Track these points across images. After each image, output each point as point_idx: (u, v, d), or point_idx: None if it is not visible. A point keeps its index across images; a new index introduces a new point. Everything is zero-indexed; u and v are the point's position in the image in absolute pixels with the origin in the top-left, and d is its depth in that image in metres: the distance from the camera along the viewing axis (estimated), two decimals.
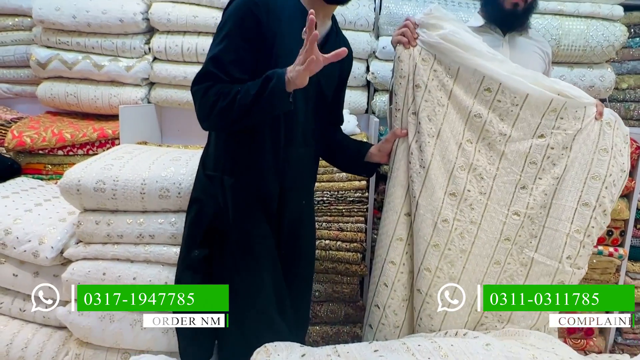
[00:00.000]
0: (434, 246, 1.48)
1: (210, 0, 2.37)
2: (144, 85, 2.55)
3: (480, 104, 1.45)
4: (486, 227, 1.49)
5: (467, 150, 1.47)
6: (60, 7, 2.38)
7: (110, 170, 1.73)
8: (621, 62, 2.50)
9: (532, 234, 1.50)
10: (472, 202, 1.47)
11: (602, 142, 1.47)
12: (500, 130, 1.46)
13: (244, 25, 1.28)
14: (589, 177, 1.47)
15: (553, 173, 1.48)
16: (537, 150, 1.47)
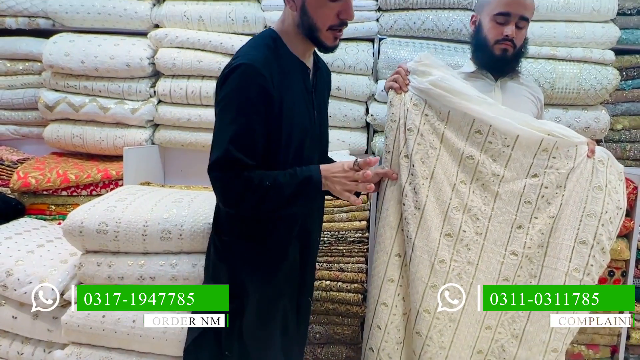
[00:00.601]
0: (432, 287, 1.48)
1: (214, 45, 2.45)
2: (149, 127, 2.61)
3: (472, 146, 1.49)
4: (484, 267, 1.49)
5: (461, 192, 1.49)
6: (70, 53, 2.47)
7: (113, 212, 1.75)
8: (615, 103, 2.56)
9: (532, 274, 1.50)
10: (468, 243, 1.48)
11: (595, 180, 1.50)
12: (493, 171, 1.48)
13: (255, 99, 1.24)
14: (585, 214, 1.48)
15: (549, 212, 1.49)
16: (531, 189, 1.49)
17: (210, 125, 2.53)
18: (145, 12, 2.53)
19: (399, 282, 1.55)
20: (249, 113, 1.24)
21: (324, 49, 1.37)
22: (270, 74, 1.25)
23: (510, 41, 1.61)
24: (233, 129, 1.23)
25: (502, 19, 1.61)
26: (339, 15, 1.29)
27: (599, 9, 2.37)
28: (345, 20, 1.31)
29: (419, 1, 2.41)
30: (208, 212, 1.76)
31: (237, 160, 1.23)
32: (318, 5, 1.27)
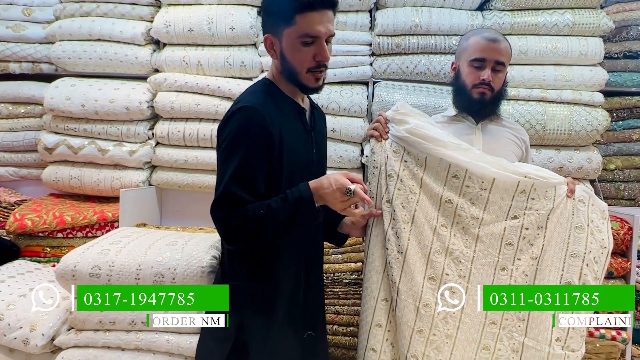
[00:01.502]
0: (418, 332, 1.46)
1: (212, 89, 2.51)
2: (146, 169, 2.64)
3: (449, 190, 1.50)
4: (469, 310, 1.47)
5: (442, 235, 1.50)
6: (71, 97, 2.53)
7: (106, 255, 1.75)
8: (607, 144, 2.59)
9: (519, 317, 1.48)
10: (451, 286, 1.48)
11: (576, 220, 1.50)
12: (472, 214, 1.49)
13: (255, 139, 1.28)
14: (568, 255, 1.48)
15: (531, 253, 1.48)
16: (512, 231, 1.49)
17: (206, 167, 2.56)
18: (145, 58, 2.61)
19: (386, 327, 1.53)
20: (249, 151, 1.27)
21: (309, 90, 1.41)
22: (269, 115, 1.30)
23: (487, 85, 1.67)
24: (232, 167, 1.27)
25: (479, 64, 1.68)
26: (314, 57, 1.33)
27: (586, 53, 2.44)
28: (322, 62, 1.34)
29: (411, 46, 2.48)
30: (201, 255, 1.76)
31: (236, 197, 1.26)
32: (293, 51, 1.32)
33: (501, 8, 2.49)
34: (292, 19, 1.29)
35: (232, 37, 2.51)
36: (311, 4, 1.28)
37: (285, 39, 1.32)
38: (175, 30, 2.53)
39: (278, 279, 1.40)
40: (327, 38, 1.34)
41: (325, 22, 1.31)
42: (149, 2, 2.62)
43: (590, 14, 2.45)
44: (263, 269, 1.39)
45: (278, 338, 1.41)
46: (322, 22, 1.30)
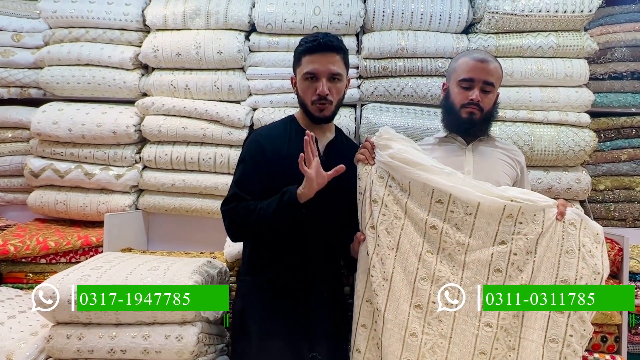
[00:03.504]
0: (411, 335, 1.43)
1: (199, 113, 2.51)
2: (133, 193, 2.61)
3: (434, 215, 1.48)
4: (458, 340, 1.43)
5: (428, 261, 1.47)
6: (58, 121, 2.52)
7: (86, 281, 1.72)
8: (596, 164, 2.59)
9: (510, 346, 1.43)
10: (439, 315, 1.43)
11: (567, 244, 1.43)
12: (458, 240, 1.46)
13: (253, 153, 1.68)
14: (558, 281, 1.42)
15: (521, 280, 1.43)
16: (500, 257, 1.44)
17: (194, 190, 2.55)
18: (133, 82, 2.61)
19: (365, 354, 1.53)
20: (247, 162, 1.68)
21: (315, 119, 1.68)
22: (269, 136, 1.70)
23: (476, 105, 1.66)
24: (238, 174, 1.69)
25: (467, 84, 1.67)
26: (315, 91, 1.62)
27: (571, 75, 2.46)
28: (322, 95, 1.61)
29: (397, 69, 2.50)
30: (184, 280, 1.72)
31: (236, 196, 1.64)
32: (301, 86, 1.68)
33: (486, 31, 2.52)
34: (300, 61, 1.66)
35: (220, 61, 2.52)
36: (312, 48, 1.60)
37: (298, 77, 1.69)
38: (163, 55, 2.54)
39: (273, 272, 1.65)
40: (332, 76, 1.62)
41: (325, 63, 1.60)
42: (137, 28, 2.64)
43: (574, 36, 2.48)
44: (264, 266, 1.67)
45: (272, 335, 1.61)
46: (321, 63, 1.60)
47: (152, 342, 1.66)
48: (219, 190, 2.50)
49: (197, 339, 1.68)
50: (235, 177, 1.68)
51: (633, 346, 2.20)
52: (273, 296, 1.64)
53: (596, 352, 2.13)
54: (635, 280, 2.21)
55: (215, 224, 2.56)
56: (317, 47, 1.60)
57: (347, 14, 2.49)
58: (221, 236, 2.24)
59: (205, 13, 2.54)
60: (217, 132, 2.49)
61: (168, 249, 2.58)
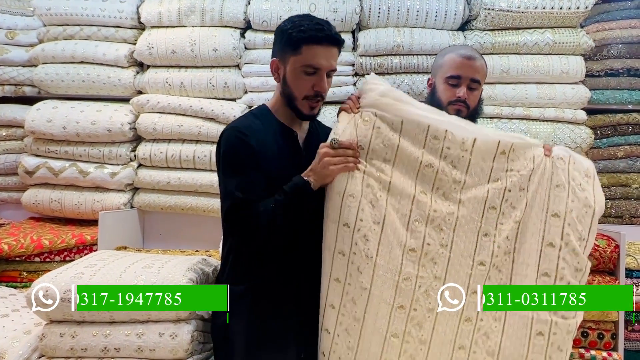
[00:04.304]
0: (399, 308, 1.36)
1: (195, 110, 2.50)
2: (128, 191, 2.60)
3: (430, 153, 1.40)
4: (452, 281, 1.38)
5: (422, 202, 1.39)
6: (52, 119, 2.51)
7: (80, 279, 1.70)
8: (592, 161, 2.57)
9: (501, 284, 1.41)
10: (433, 257, 1.37)
11: (556, 179, 1.42)
12: (454, 177, 1.40)
13: (241, 152, 1.43)
14: (549, 215, 1.40)
15: (514, 217, 1.40)
16: (495, 194, 1.40)
17: (189, 188, 2.53)
18: (128, 80, 2.60)
19: (340, 310, 1.41)
20: (240, 164, 1.43)
21: (303, 116, 1.50)
22: (250, 132, 1.45)
23: (463, 102, 1.65)
24: (230, 181, 1.42)
25: (454, 81, 1.65)
26: (313, 87, 1.44)
27: (567, 72, 2.45)
28: (320, 92, 1.46)
29: (393, 66, 2.49)
30: (178, 277, 1.71)
31: (243, 201, 1.39)
32: (295, 78, 1.45)
33: (482, 28, 2.51)
34: (299, 48, 1.42)
35: (215, 58, 2.51)
36: (319, 38, 1.41)
37: (290, 66, 1.45)
38: (158, 52, 2.53)
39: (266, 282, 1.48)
40: (328, 72, 1.46)
41: (329, 57, 1.44)
42: (132, 25, 2.63)
43: (570, 33, 2.47)
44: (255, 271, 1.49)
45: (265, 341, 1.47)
46: (326, 57, 1.43)
47: (146, 340, 1.64)
48: (215, 188, 2.49)
49: (192, 337, 1.67)
50: (231, 184, 1.42)
51: (630, 343, 2.20)
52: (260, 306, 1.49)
53: (593, 349, 2.13)
54: (632, 277, 2.20)
55: (210, 222, 2.55)
56: (324, 39, 1.42)
57: (342, 11, 2.48)
58: (216, 234, 2.23)
59: (200, 10, 2.53)
60: (212, 129, 2.48)
61: (163, 247, 2.57)
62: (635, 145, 2.57)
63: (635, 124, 2.56)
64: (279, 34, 1.49)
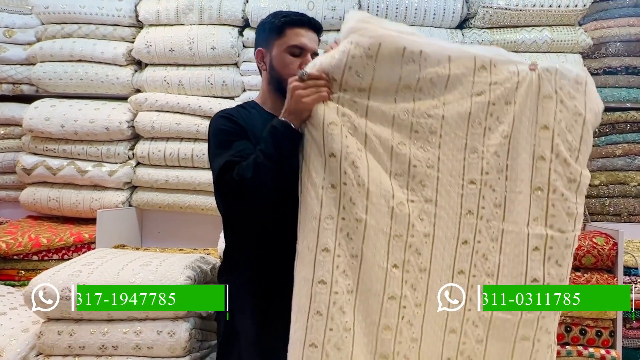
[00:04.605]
0: (396, 237, 1.30)
1: (193, 108, 2.50)
2: (126, 189, 2.60)
3: (407, 75, 1.30)
4: (444, 203, 1.33)
5: (403, 125, 1.32)
6: (50, 118, 2.50)
7: (77, 277, 1.70)
8: (591, 159, 2.57)
9: (496, 203, 1.34)
10: (422, 179, 1.31)
11: (543, 90, 1.34)
12: (434, 94, 1.33)
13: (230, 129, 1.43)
14: (539, 128, 1.34)
15: (501, 131, 1.34)
16: (479, 108, 1.34)
17: (188, 187, 2.53)
18: (126, 78, 2.60)
19: (335, 252, 1.28)
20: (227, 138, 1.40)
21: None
22: (237, 115, 1.48)
23: None
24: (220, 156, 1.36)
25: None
26: (300, 67, 1.44)
27: None
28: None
29: None
30: (176, 275, 1.71)
31: (230, 162, 1.32)
32: (281, 60, 1.49)
33: (480, 26, 2.51)
34: (282, 32, 1.48)
35: (214, 56, 2.51)
36: (302, 22, 1.48)
37: (275, 50, 1.49)
38: (156, 51, 2.53)
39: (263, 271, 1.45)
40: (312, 55, 1.48)
41: (311, 40, 1.50)
42: (130, 23, 2.63)
43: (568, 31, 2.47)
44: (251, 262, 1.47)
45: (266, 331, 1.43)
46: (309, 39, 1.49)
47: (144, 337, 1.64)
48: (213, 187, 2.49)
49: (190, 334, 1.67)
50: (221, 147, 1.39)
51: (628, 340, 2.20)
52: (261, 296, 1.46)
53: (591, 346, 2.13)
54: (630, 274, 2.21)
55: (209, 220, 2.55)
56: (306, 23, 1.49)
57: (341, 9, 2.48)
58: (215, 233, 2.24)
59: (199, 8, 2.53)
60: None
61: (162, 246, 2.57)
62: (634, 143, 2.57)
63: (633, 122, 2.56)
64: (261, 27, 1.56)
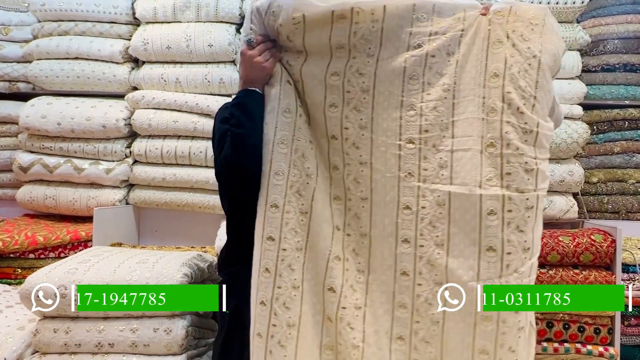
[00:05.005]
0: (335, 199, 1.27)
1: (190, 106, 2.48)
2: (123, 187, 2.59)
3: (338, 34, 1.23)
4: (379, 165, 1.25)
5: (335, 86, 1.26)
6: (47, 115, 2.49)
7: (74, 274, 1.69)
8: (589, 157, 2.58)
9: (441, 164, 1.23)
10: (354, 141, 1.25)
11: (493, 35, 1.21)
12: (368, 51, 1.24)
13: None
14: (487, 77, 1.20)
15: (443, 85, 1.23)
16: (416, 62, 1.23)
17: (185, 184, 2.52)
18: (123, 75, 2.59)
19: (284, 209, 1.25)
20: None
21: None
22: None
23: None
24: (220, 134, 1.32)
25: None
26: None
27: (563, 67, 2.45)
28: None
29: None
30: (172, 272, 1.70)
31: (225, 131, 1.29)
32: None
33: None
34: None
35: (211, 54, 2.50)
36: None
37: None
38: (153, 48, 2.51)
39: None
40: None
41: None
42: (127, 21, 2.62)
43: (566, 28, 2.47)
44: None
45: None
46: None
47: (140, 335, 1.63)
48: (211, 185, 2.48)
49: (186, 332, 1.66)
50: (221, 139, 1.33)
51: (626, 338, 2.20)
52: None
53: (589, 343, 2.12)
54: (628, 272, 2.20)
55: (206, 218, 2.54)
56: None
57: None
58: (212, 231, 2.23)
59: (196, 5, 2.52)
60: (208, 125, 2.47)
61: (159, 244, 2.56)
62: (632, 141, 2.56)
63: (631, 120, 2.56)
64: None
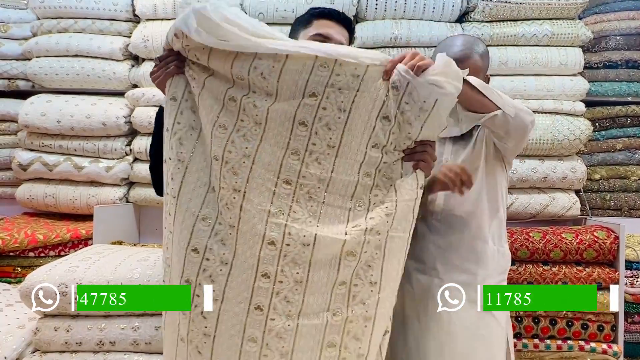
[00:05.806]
0: (202, 220, 1.24)
1: None
2: (123, 185, 2.57)
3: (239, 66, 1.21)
4: (252, 197, 1.22)
5: (230, 111, 1.25)
6: (46, 113, 2.47)
7: (74, 272, 1.68)
8: (591, 154, 2.57)
9: (310, 212, 1.23)
10: (234, 165, 1.23)
11: (385, 109, 1.21)
12: (266, 90, 1.22)
13: None
14: (370, 147, 1.24)
15: (328, 140, 1.23)
16: (307, 110, 1.22)
17: None
18: (123, 73, 2.57)
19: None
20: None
21: None
22: None
23: None
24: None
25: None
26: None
27: (566, 63, 2.44)
28: None
29: None
30: None
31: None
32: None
33: (480, 19, 2.49)
34: (310, 22, 1.46)
35: None
36: (330, 14, 1.46)
37: (301, 39, 1.46)
38: (153, 45, 2.50)
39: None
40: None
41: (339, 32, 1.45)
42: (127, 18, 2.60)
43: (568, 24, 2.46)
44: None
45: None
46: (336, 31, 1.45)
47: (141, 333, 1.63)
48: None
49: None
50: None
51: (630, 335, 2.19)
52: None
53: (593, 341, 2.11)
54: (632, 268, 2.19)
55: None
56: (334, 15, 1.45)
57: (339, 3, 2.46)
58: None
59: (196, 2, 2.50)
60: None
61: (160, 242, 2.51)
62: (634, 138, 2.56)
63: (633, 116, 2.55)
64: (294, 22, 1.54)
